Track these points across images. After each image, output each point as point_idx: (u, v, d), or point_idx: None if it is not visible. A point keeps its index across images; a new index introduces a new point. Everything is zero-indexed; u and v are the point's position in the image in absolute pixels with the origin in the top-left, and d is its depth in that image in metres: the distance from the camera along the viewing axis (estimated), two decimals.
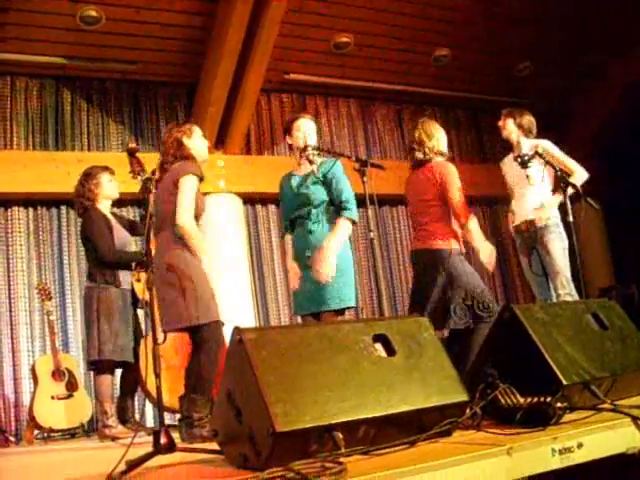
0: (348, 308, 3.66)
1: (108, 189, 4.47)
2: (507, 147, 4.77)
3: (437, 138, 3.84)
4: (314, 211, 3.70)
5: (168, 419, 4.80)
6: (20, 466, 3.63)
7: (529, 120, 4.47)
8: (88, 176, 4.44)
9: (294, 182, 3.79)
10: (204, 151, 3.68)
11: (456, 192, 3.70)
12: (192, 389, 3.34)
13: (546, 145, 4.34)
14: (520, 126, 4.45)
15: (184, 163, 3.49)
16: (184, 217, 3.38)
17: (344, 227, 3.63)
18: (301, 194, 3.71)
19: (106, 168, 4.50)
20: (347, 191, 3.68)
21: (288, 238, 3.84)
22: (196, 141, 3.62)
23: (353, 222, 3.68)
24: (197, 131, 3.66)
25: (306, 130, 3.79)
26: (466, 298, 3.59)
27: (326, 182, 3.69)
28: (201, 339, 3.37)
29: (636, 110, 7.67)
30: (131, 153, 2.88)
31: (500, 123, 4.55)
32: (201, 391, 3.32)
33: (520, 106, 4.78)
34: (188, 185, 3.41)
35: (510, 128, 4.48)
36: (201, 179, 3.51)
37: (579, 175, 4.28)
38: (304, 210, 3.71)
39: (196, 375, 3.35)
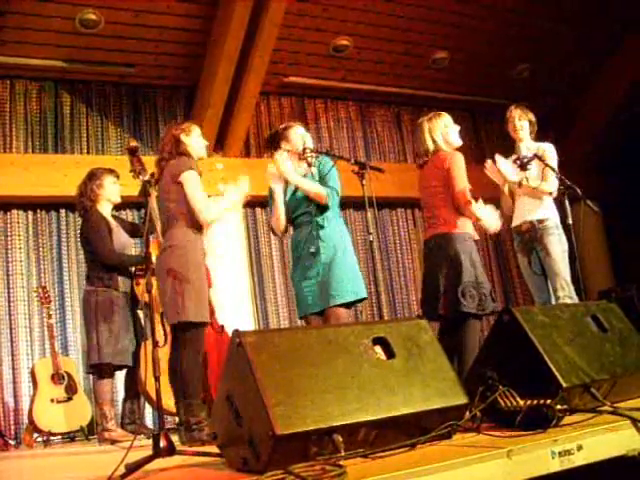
0: (359, 300, 3.66)
1: (110, 191, 4.46)
2: (507, 149, 4.76)
3: (438, 131, 3.82)
4: (306, 211, 3.71)
5: (168, 422, 4.80)
6: (20, 470, 3.63)
7: (535, 121, 4.46)
8: (92, 177, 4.43)
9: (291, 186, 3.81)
10: (202, 150, 3.67)
11: (458, 180, 3.68)
12: (182, 395, 3.32)
13: (546, 149, 4.33)
14: (532, 126, 4.42)
15: (180, 159, 3.49)
16: (206, 215, 3.43)
17: (314, 185, 3.68)
18: (302, 196, 3.73)
19: (111, 171, 4.49)
20: (337, 184, 3.72)
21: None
22: (194, 139, 3.62)
23: (325, 198, 3.66)
24: (196, 130, 3.67)
25: (303, 135, 3.83)
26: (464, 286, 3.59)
27: (322, 177, 3.73)
28: (183, 341, 3.36)
29: (636, 111, 7.69)
30: (132, 152, 2.87)
31: (516, 122, 4.39)
32: (191, 395, 3.30)
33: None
34: (192, 181, 3.43)
35: (526, 131, 4.40)
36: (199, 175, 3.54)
37: (546, 187, 4.25)
38: (308, 210, 3.71)
39: (181, 380, 3.33)
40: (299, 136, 3.81)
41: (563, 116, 7.70)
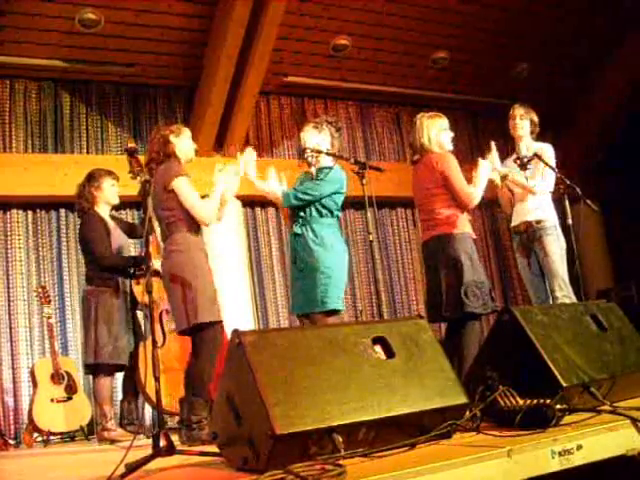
0: (335, 311, 3.65)
1: (109, 194, 4.45)
2: (508, 149, 4.76)
3: (435, 131, 3.83)
4: (301, 214, 3.74)
5: (167, 422, 4.80)
6: (19, 469, 3.63)
7: (537, 121, 4.46)
8: (90, 178, 4.42)
9: (297, 182, 3.88)
10: (190, 152, 3.63)
11: (456, 181, 3.70)
12: (192, 392, 3.34)
13: (545, 149, 4.33)
14: (533, 125, 4.42)
15: (168, 164, 3.47)
16: (207, 219, 3.45)
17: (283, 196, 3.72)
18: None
19: (110, 172, 4.47)
20: (315, 190, 3.69)
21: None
22: (184, 141, 3.58)
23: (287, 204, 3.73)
24: (186, 132, 3.64)
25: (303, 135, 3.87)
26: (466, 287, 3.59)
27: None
28: (201, 341, 3.37)
29: (635, 110, 7.69)
30: (130, 153, 2.88)
31: (517, 121, 4.40)
32: (201, 394, 3.33)
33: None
34: (184, 188, 3.41)
35: (526, 130, 4.41)
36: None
37: (531, 184, 4.23)
38: (294, 211, 3.77)
39: (196, 378, 3.35)
40: (301, 137, 3.91)
41: (563, 116, 7.69)
